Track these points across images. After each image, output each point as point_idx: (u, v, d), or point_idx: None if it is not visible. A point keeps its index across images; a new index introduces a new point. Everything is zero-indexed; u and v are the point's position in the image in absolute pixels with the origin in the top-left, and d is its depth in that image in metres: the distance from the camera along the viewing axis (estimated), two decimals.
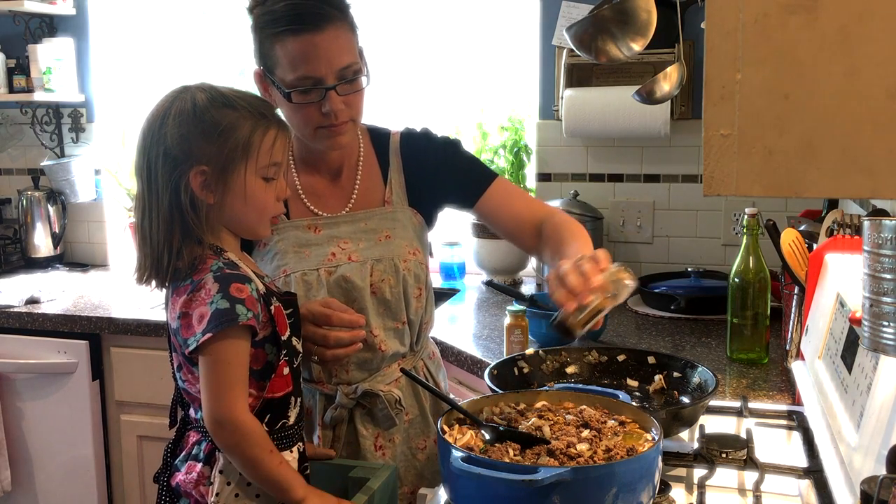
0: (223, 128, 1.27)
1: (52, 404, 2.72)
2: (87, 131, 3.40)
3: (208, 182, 1.28)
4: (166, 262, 1.28)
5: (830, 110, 0.78)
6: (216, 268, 1.28)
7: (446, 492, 1.17)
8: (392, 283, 1.59)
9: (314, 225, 1.61)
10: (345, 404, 1.58)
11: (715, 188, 0.83)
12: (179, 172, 1.27)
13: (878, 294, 0.88)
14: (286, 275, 1.56)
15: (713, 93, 0.81)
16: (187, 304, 1.26)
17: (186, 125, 1.27)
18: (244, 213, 1.32)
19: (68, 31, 3.34)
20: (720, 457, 1.35)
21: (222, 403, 1.25)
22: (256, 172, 1.30)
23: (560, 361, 1.66)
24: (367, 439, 1.61)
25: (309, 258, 1.58)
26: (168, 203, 1.27)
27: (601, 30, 1.63)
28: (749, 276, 1.96)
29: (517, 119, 3.04)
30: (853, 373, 1.23)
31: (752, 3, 0.79)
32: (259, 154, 1.30)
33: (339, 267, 1.57)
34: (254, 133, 1.29)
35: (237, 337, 1.25)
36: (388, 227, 1.63)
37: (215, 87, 1.31)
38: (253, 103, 1.32)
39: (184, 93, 1.30)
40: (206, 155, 1.27)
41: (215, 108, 1.28)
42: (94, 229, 3.45)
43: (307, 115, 1.49)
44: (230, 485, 1.29)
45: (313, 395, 1.62)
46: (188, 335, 1.25)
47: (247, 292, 1.26)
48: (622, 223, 2.87)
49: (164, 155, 1.27)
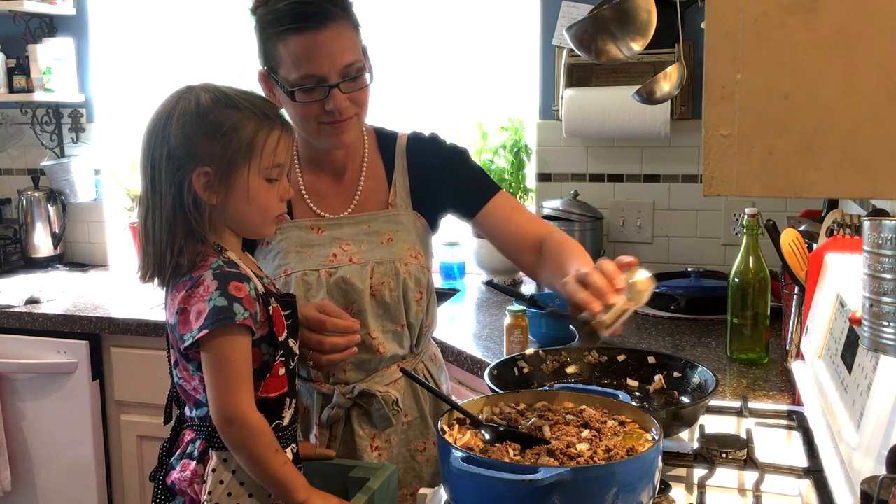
0: (227, 128, 1.27)
1: (52, 404, 2.72)
2: (87, 131, 3.40)
3: (211, 182, 1.28)
4: (168, 260, 1.29)
5: (830, 110, 0.78)
6: (216, 265, 1.28)
7: (446, 492, 1.17)
8: (392, 285, 1.59)
9: (317, 226, 1.61)
10: (341, 404, 1.58)
11: (715, 188, 0.83)
12: (183, 173, 1.27)
13: (878, 294, 0.88)
14: (287, 274, 1.56)
15: (713, 93, 0.81)
16: (186, 301, 1.27)
17: (190, 126, 1.27)
18: (247, 213, 1.32)
19: (68, 31, 3.34)
20: (720, 457, 1.35)
21: (229, 401, 1.25)
22: (260, 173, 1.30)
23: (560, 361, 1.66)
24: (364, 440, 1.61)
25: (310, 258, 1.58)
26: (171, 203, 1.28)
27: (601, 30, 1.63)
28: (749, 276, 1.96)
29: (517, 119, 3.04)
30: (853, 373, 1.23)
31: (752, 3, 0.79)
32: (262, 155, 1.30)
33: (340, 268, 1.57)
34: (257, 134, 1.29)
35: (236, 334, 1.25)
36: (390, 229, 1.63)
37: (219, 88, 1.31)
38: (257, 104, 1.32)
39: (188, 93, 1.30)
40: (210, 155, 1.27)
41: (219, 109, 1.28)
42: (94, 229, 3.45)
43: (311, 114, 1.49)
44: (223, 483, 1.29)
45: (311, 394, 1.62)
46: (185, 331, 1.26)
47: (245, 291, 1.26)
48: (622, 223, 2.87)
49: (168, 155, 1.27)
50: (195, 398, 1.33)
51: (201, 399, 1.31)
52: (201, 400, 1.32)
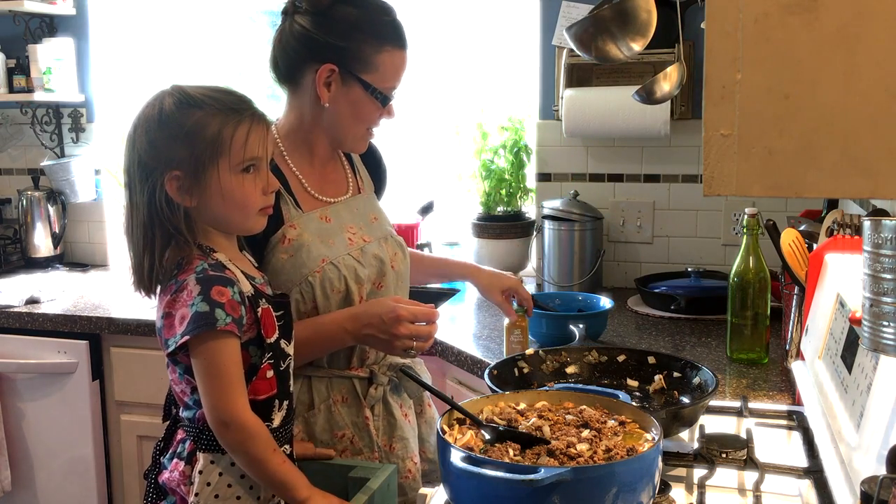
0: (189, 129, 1.27)
1: (52, 404, 2.72)
2: (87, 131, 3.40)
3: (183, 186, 1.28)
4: (147, 267, 1.29)
5: (830, 110, 0.78)
6: (200, 269, 1.27)
7: (446, 492, 1.17)
8: (401, 257, 1.73)
9: (324, 215, 1.65)
10: (383, 382, 1.65)
11: (715, 188, 0.83)
12: (153, 179, 1.27)
13: (878, 294, 0.88)
14: (327, 262, 1.57)
15: (713, 93, 0.81)
16: (171, 305, 1.27)
17: (153, 132, 1.27)
18: (225, 211, 1.31)
19: (68, 31, 3.34)
20: (720, 457, 1.35)
21: (223, 405, 1.25)
22: (231, 169, 1.29)
23: (560, 361, 1.66)
24: (398, 409, 1.69)
25: (335, 245, 1.61)
26: (146, 209, 1.28)
27: (601, 30, 1.63)
28: (749, 276, 1.96)
29: (517, 119, 3.04)
30: (853, 373, 1.23)
31: (752, 3, 0.79)
32: (232, 150, 1.28)
33: (364, 247, 1.65)
34: (223, 129, 1.28)
35: (222, 338, 1.25)
36: (372, 210, 1.74)
37: (184, 89, 1.30)
38: (222, 99, 1.30)
39: (155, 99, 1.31)
40: (177, 159, 1.27)
41: (181, 111, 1.28)
42: (94, 229, 3.45)
43: (372, 118, 1.63)
44: (210, 486, 1.29)
45: (350, 381, 1.63)
46: (169, 335, 1.26)
47: (227, 296, 1.26)
48: (622, 223, 2.87)
49: (138, 164, 1.28)
50: (184, 400, 1.33)
51: (188, 401, 1.32)
52: (188, 402, 1.32)
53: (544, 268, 2.80)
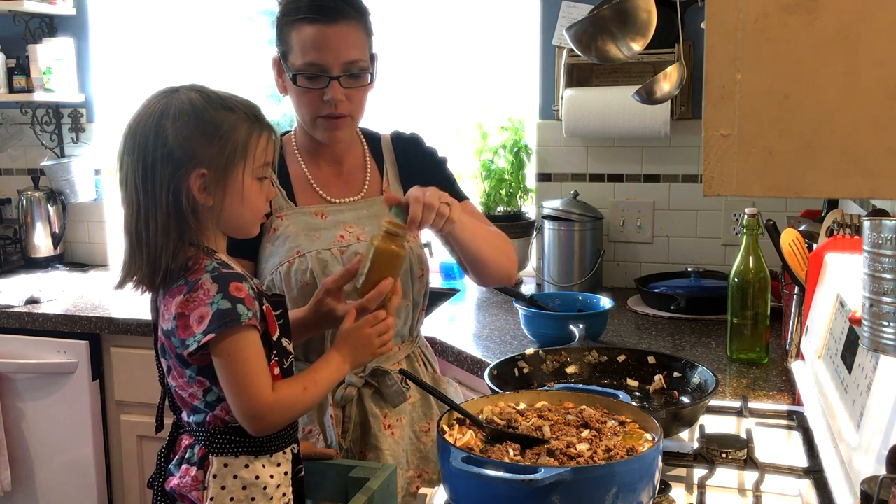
0: (224, 130, 1.27)
1: (52, 404, 2.72)
2: (87, 131, 3.40)
3: (207, 184, 1.27)
4: (163, 266, 1.27)
5: (830, 110, 0.78)
6: (212, 268, 1.27)
7: (446, 492, 1.17)
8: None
9: (321, 211, 1.66)
10: (354, 382, 1.62)
11: (715, 188, 0.83)
12: (180, 175, 1.25)
13: (878, 294, 0.88)
14: (300, 255, 1.60)
15: (713, 93, 0.81)
16: (184, 305, 1.25)
17: (188, 127, 1.25)
18: (241, 213, 1.32)
19: (68, 31, 3.34)
20: (720, 457, 1.35)
21: (253, 398, 1.25)
22: (252, 174, 1.31)
23: (560, 361, 1.66)
24: (377, 419, 1.64)
25: (319, 240, 1.63)
26: (166, 206, 1.26)
27: (601, 30, 1.63)
28: (749, 276, 1.96)
29: (517, 119, 3.04)
30: (853, 373, 1.23)
31: (752, 3, 0.79)
32: (255, 156, 1.31)
33: (351, 245, 1.64)
34: (250, 135, 1.30)
35: (245, 332, 1.25)
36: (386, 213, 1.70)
37: (207, 89, 1.31)
38: (246, 105, 1.32)
39: (175, 94, 1.29)
40: (207, 157, 1.26)
41: (214, 110, 1.28)
42: (94, 229, 3.45)
43: (310, 102, 1.59)
44: (224, 489, 1.28)
45: None
46: (186, 335, 1.24)
47: (245, 291, 1.26)
48: (622, 223, 2.87)
49: (166, 157, 1.25)
50: (192, 405, 1.32)
51: (198, 405, 1.31)
52: (199, 406, 1.31)
53: (544, 268, 2.80)
